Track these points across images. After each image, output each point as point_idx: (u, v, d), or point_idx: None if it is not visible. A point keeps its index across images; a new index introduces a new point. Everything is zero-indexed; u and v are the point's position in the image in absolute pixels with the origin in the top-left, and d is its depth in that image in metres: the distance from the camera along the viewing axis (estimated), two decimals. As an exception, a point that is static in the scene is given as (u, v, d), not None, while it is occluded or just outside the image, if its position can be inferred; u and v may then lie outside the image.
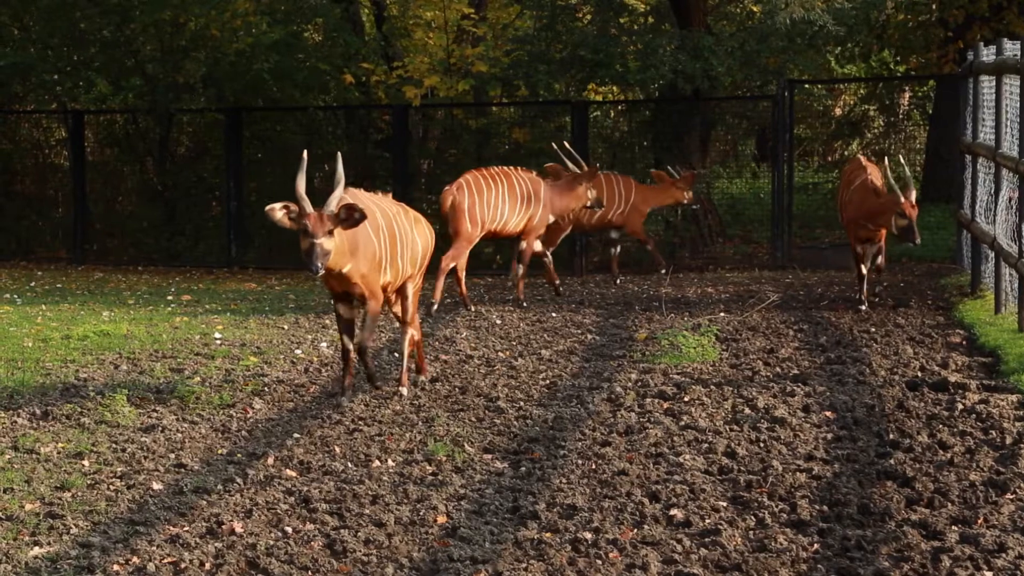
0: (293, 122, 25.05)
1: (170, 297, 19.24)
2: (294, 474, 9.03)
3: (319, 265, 10.42)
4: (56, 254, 25.61)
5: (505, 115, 24.77)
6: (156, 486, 8.75)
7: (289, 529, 7.79)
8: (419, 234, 11.80)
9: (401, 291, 11.76)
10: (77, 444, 9.93)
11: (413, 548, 7.44)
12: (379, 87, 24.07)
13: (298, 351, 14.03)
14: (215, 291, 20.10)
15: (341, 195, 10.74)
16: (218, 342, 14.69)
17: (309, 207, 10.54)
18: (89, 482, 8.88)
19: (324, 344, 14.42)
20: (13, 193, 26.89)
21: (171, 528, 7.81)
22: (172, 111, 24.80)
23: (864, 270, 16.00)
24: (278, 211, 10.63)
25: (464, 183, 17.20)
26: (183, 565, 7.12)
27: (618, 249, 20.51)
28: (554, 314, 16.58)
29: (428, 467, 9.20)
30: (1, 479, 8.90)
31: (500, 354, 13.68)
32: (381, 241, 11.14)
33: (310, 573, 6.99)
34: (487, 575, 6.92)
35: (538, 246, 18.04)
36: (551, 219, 17.98)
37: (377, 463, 9.30)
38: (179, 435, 10.23)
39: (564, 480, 8.77)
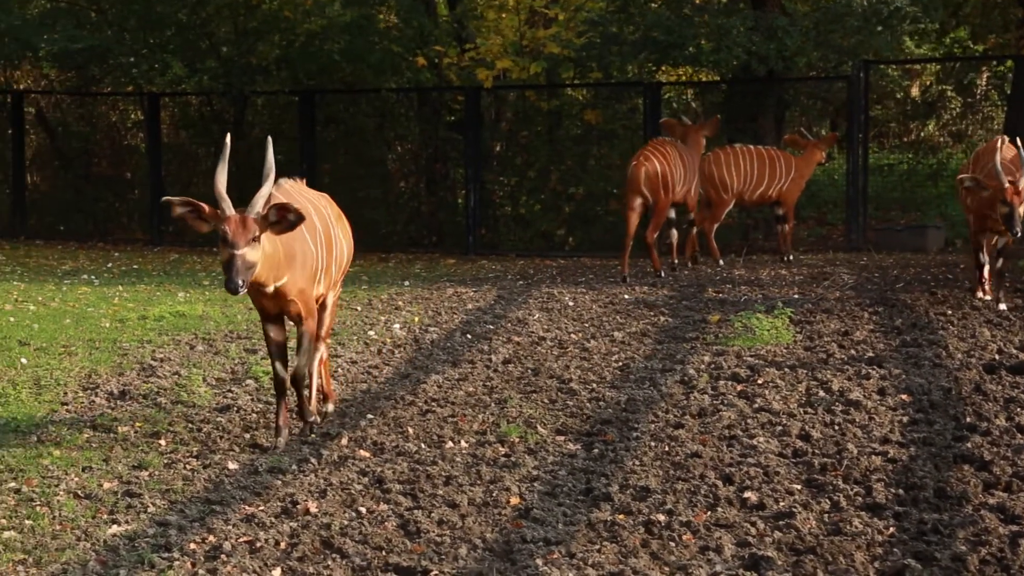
0: (366, 104, 25.11)
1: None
2: (368, 455, 9.07)
3: (239, 282, 8.18)
4: (133, 235, 25.86)
5: (577, 97, 24.70)
6: (231, 465, 8.81)
7: (363, 509, 7.82)
8: (344, 234, 9.95)
9: (321, 302, 9.86)
10: (154, 424, 10.02)
11: (486, 529, 7.46)
12: (451, 69, 24.09)
13: (371, 332, 14.07)
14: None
15: (270, 192, 8.55)
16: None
17: (229, 208, 8.26)
18: (166, 461, 8.95)
19: (397, 326, 14.47)
20: (91, 175, 27.18)
21: (246, 507, 7.86)
22: (246, 93, 24.96)
23: (983, 259, 15.00)
24: (178, 207, 8.38)
25: (652, 152, 18.15)
26: (258, 544, 7.16)
27: (786, 227, 20.50)
28: (626, 296, 16.53)
29: (501, 448, 9.20)
30: (80, 458, 8.99)
31: (573, 336, 13.67)
32: (318, 247, 9.23)
33: (384, 553, 7.02)
34: (560, 556, 6.91)
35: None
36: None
37: (450, 444, 9.32)
38: (254, 415, 10.30)
39: (637, 462, 8.75)
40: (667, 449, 9.05)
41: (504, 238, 23.84)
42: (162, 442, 9.48)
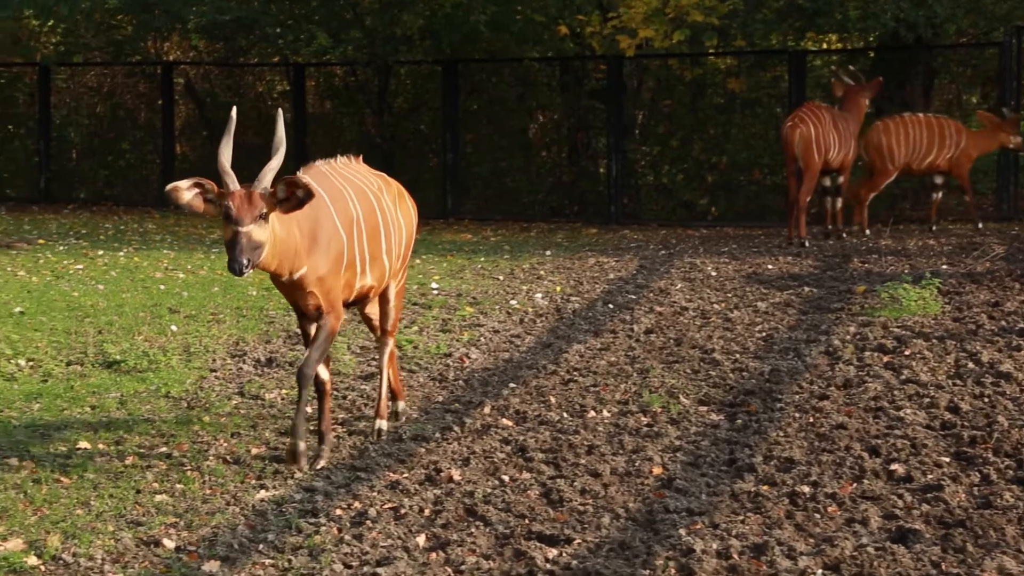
0: (508, 73, 25.14)
1: (388, 247, 19.48)
2: (510, 423, 9.10)
3: (244, 261, 7.38)
4: (277, 205, 26.13)
5: (721, 65, 24.49)
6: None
7: (506, 478, 7.84)
8: (404, 215, 8.91)
9: (383, 292, 8.97)
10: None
11: (629, 498, 7.44)
12: (594, 38, 23.98)
13: (513, 302, 14.11)
14: (431, 241, 20.31)
15: (279, 166, 7.71)
16: (435, 292, 14.86)
17: (233, 183, 7.54)
18: (311, 428, 9.06)
19: (539, 295, 14.48)
20: (237, 145, 27.38)
21: (391, 475, 7.93)
22: (390, 63, 25.10)
23: None
24: (185, 191, 7.53)
25: (806, 115, 18.24)
26: (403, 511, 7.22)
27: (940, 195, 20.23)
28: (770, 266, 16.39)
29: (643, 418, 9.18)
30: (228, 424, 9.14)
31: (715, 306, 13.58)
32: (354, 232, 8.26)
33: (527, 521, 7.04)
34: (704, 526, 6.88)
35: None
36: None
37: (592, 413, 9.32)
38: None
39: (781, 433, 8.67)
40: (811, 420, 8.96)
41: (646, 208, 23.75)
42: (308, 409, 9.59)
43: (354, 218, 8.22)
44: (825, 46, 26.88)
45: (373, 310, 9.10)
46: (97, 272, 16.44)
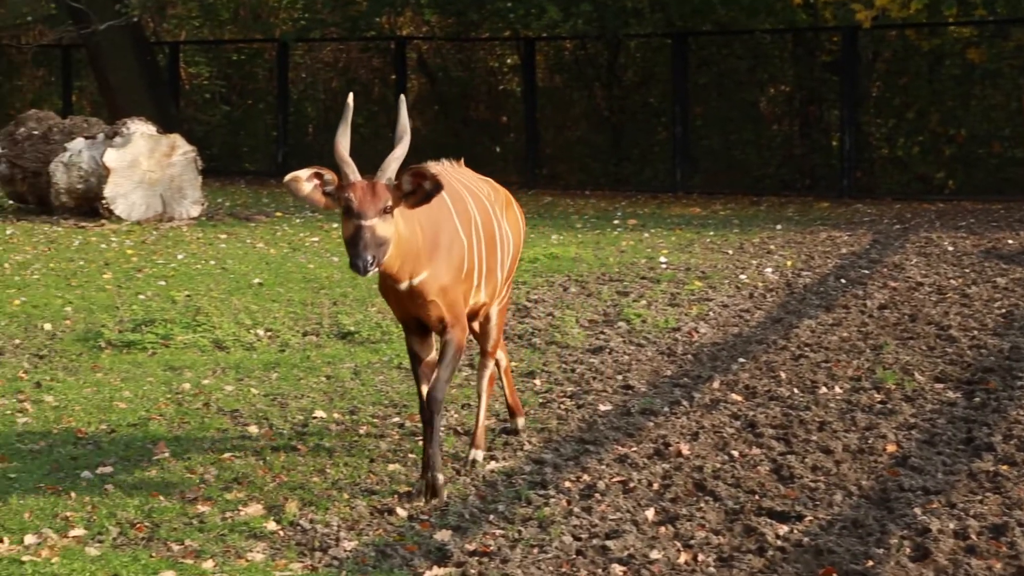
0: (739, 46, 24.88)
1: (616, 221, 19.52)
2: (739, 398, 9.02)
3: (368, 258, 6.47)
4: (508, 179, 26.30)
5: (960, 35, 23.83)
6: (603, 407, 8.90)
7: (735, 453, 7.78)
8: (511, 227, 7.88)
9: (485, 313, 7.93)
10: (529, 363, 10.21)
11: (861, 476, 7.31)
12: (827, 9, 23.58)
13: (743, 276, 13.98)
14: (660, 215, 20.26)
15: (404, 155, 6.80)
16: (663, 266, 14.81)
17: (354, 173, 6.68)
18: (541, 400, 9.12)
19: (769, 269, 14.32)
20: (468, 119, 27.83)
21: (619, 448, 7.93)
22: (620, 36, 25.05)
23: None
24: (304, 183, 6.70)
25: None
26: (631, 485, 7.21)
27: None
28: (1010, 241, 15.93)
29: (876, 395, 9.01)
30: (459, 395, 9.24)
31: (952, 281, 13.25)
32: (473, 239, 7.31)
33: (756, 497, 6.97)
34: (940, 506, 6.73)
35: None
36: None
37: (824, 390, 9.18)
38: (626, 357, 10.37)
39: (1022, 412, 8.42)
40: (1054, 400, 8.69)
41: (880, 181, 23.31)
42: (537, 382, 9.65)
43: (472, 222, 7.33)
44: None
45: (473, 327, 7.92)
46: (332, 244, 16.79)
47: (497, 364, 8.18)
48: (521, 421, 8.35)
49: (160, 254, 15.94)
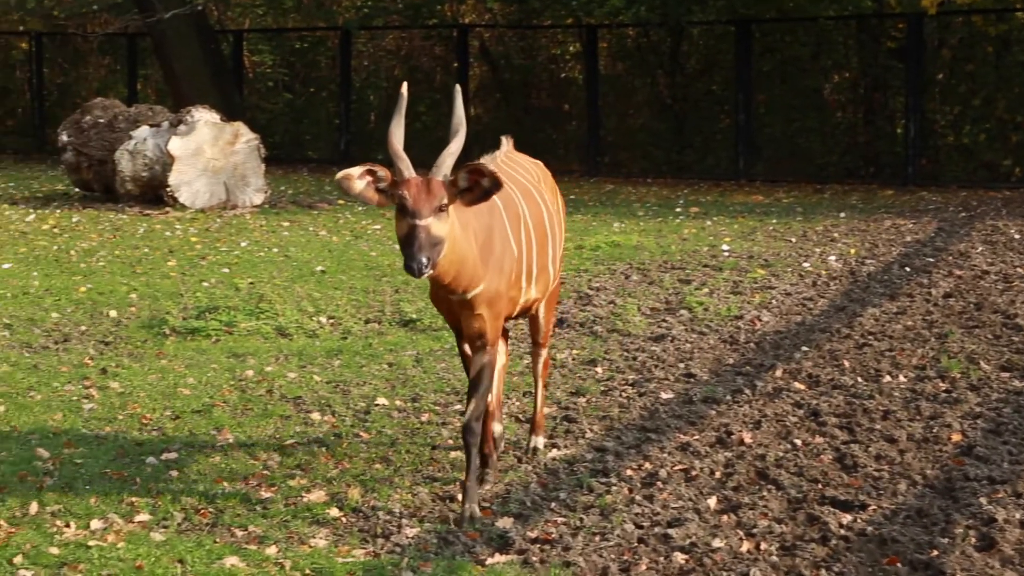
0: (802, 33, 24.73)
1: (678, 209, 19.47)
2: (802, 387, 8.97)
3: (423, 260, 6.09)
4: (569, 166, 26.32)
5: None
6: (665, 395, 8.88)
7: (798, 441, 7.74)
8: (559, 210, 7.63)
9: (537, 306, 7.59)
10: (591, 351, 10.20)
11: (926, 465, 7.26)
12: (893, -6, 23.42)
13: (806, 264, 13.90)
14: (722, 203, 20.18)
15: (459, 150, 6.35)
16: (726, 254, 14.75)
17: (408, 169, 6.26)
18: (602, 388, 9.10)
19: (832, 257, 14.24)
20: (530, 107, 27.82)
21: (681, 436, 7.91)
22: (683, 24, 24.96)
23: None
24: (356, 180, 6.30)
25: None
26: (693, 473, 7.19)
27: None
28: (1078, 229, 15.78)
29: (941, 384, 8.94)
30: (520, 384, 9.25)
31: (1019, 270, 13.13)
32: (523, 242, 6.96)
33: (820, 486, 6.93)
34: (1006, 495, 6.67)
35: None
36: None
37: (888, 378, 9.12)
38: (688, 345, 10.34)
39: (1088, 402, 8.35)
40: (1122, 390, 8.59)
41: (945, 168, 23.11)
42: (598, 370, 9.64)
43: (522, 226, 6.96)
44: None
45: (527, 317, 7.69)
46: (393, 232, 16.79)
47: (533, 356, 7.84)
48: (541, 441, 7.78)
49: (223, 241, 16.04)
